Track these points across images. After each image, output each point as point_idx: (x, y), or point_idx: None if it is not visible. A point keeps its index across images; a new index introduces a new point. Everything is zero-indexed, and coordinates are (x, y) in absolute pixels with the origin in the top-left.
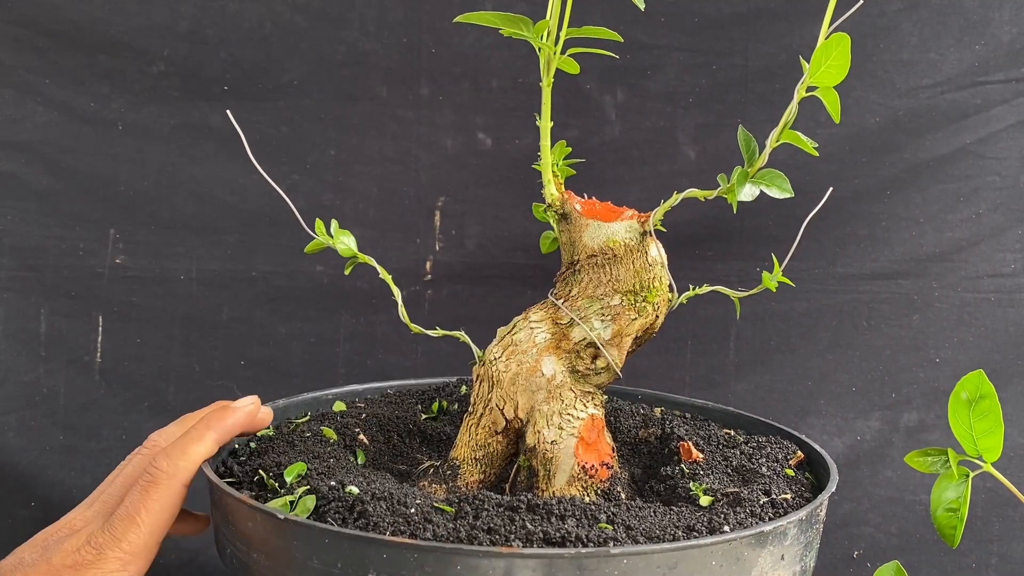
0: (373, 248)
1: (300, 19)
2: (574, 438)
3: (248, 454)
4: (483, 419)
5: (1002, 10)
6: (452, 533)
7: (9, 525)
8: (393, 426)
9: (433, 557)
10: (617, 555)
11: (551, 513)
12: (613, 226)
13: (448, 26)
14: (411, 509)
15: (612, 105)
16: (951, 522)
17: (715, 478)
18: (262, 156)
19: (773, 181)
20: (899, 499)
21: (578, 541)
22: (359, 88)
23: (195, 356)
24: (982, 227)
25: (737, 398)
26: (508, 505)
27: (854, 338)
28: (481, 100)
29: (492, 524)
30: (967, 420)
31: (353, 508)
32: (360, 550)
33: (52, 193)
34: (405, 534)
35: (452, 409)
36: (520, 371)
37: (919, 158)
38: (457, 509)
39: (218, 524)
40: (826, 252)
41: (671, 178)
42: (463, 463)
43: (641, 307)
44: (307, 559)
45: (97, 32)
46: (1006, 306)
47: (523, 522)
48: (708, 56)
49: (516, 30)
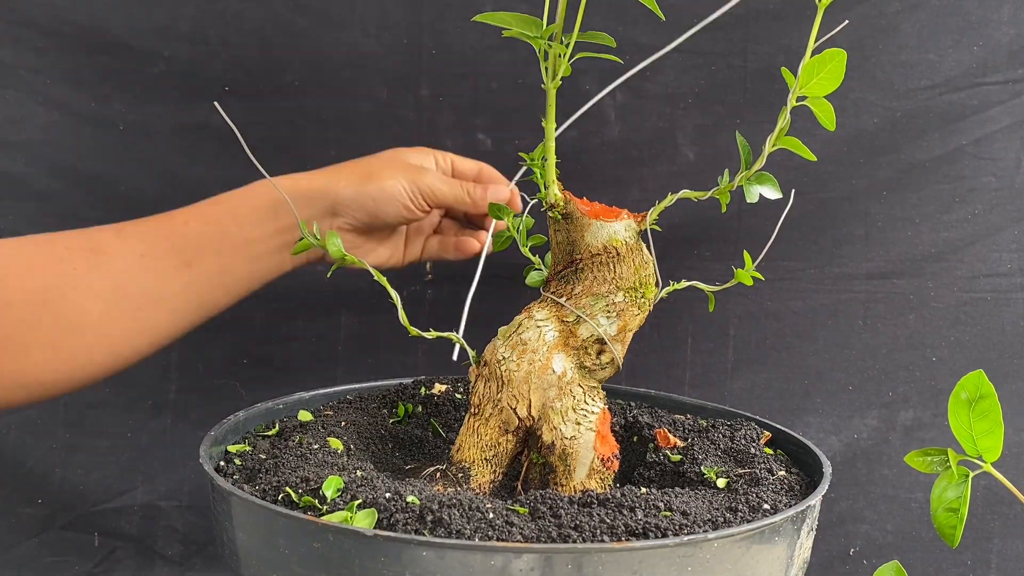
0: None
1: (301, 20)
2: (592, 432)
3: (247, 473)
4: (492, 419)
5: (1001, 11)
6: (543, 533)
7: (14, 523)
8: (368, 432)
9: (543, 559)
10: (712, 539)
11: (621, 506)
12: (614, 225)
13: (449, 27)
14: (489, 514)
15: (611, 106)
16: (951, 522)
17: (713, 461)
18: (263, 157)
19: (764, 183)
20: (895, 497)
21: (657, 530)
22: (360, 89)
23: (197, 355)
24: (978, 227)
25: (734, 396)
26: (580, 501)
27: (850, 337)
28: (481, 101)
29: (577, 521)
30: (967, 420)
31: (423, 517)
32: (457, 559)
33: (52, 193)
34: (492, 538)
35: (418, 412)
36: (532, 369)
37: (916, 159)
38: (532, 510)
39: (256, 550)
40: (823, 252)
41: (670, 179)
42: (473, 465)
43: (641, 303)
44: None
45: (98, 32)
46: (1002, 306)
47: (601, 517)
48: (707, 57)
49: (527, 32)
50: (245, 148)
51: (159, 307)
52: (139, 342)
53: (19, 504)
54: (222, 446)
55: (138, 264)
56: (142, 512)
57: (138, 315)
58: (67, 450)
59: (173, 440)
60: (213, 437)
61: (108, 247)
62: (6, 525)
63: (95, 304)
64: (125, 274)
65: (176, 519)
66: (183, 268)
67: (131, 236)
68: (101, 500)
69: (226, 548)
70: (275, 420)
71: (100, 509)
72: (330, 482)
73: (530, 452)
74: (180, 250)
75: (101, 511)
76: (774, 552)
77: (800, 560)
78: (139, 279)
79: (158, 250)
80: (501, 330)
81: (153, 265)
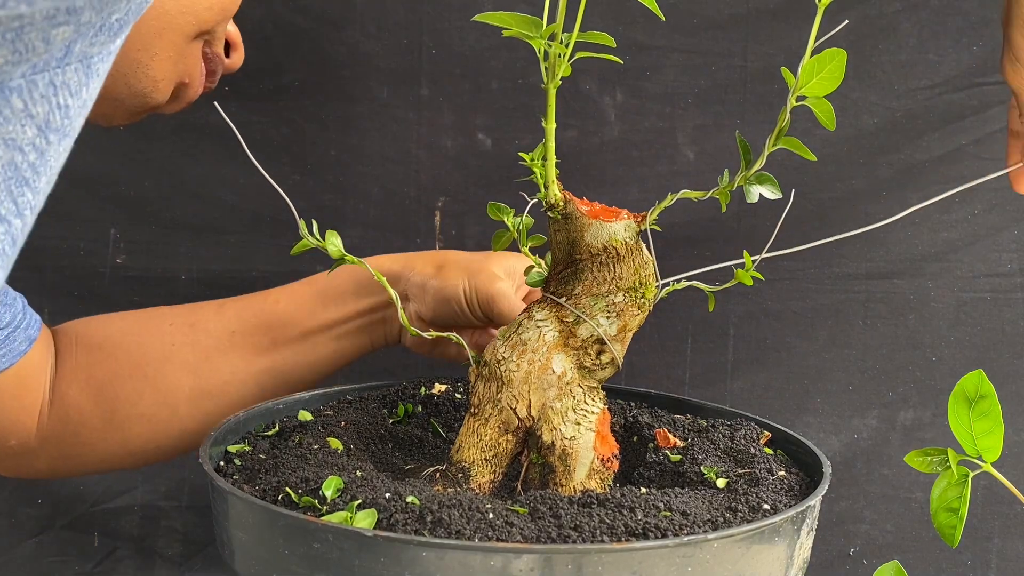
0: (374, 248)
1: (301, 20)
2: (592, 432)
3: (247, 473)
4: (492, 419)
5: (1000, 11)
6: (543, 533)
7: (14, 523)
8: (368, 432)
9: (543, 559)
10: (712, 539)
11: (621, 506)
12: (614, 225)
13: (449, 27)
14: (489, 515)
15: (611, 106)
16: (951, 522)
17: (713, 461)
18: (263, 156)
19: (764, 183)
20: (895, 496)
21: (657, 530)
22: (360, 89)
23: None
24: (978, 227)
25: (734, 396)
26: (580, 502)
27: (850, 337)
28: (481, 101)
29: (577, 521)
30: (967, 420)
31: (423, 518)
32: (457, 559)
33: (52, 193)
34: (492, 539)
35: (418, 412)
36: (532, 370)
37: (916, 159)
38: (532, 510)
39: (256, 550)
40: (822, 252)
41: (670, 179)
42: (473, 465)
43: (641, 303)
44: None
45: None
46: (1002, 306)
47: (600, 517)
48: (707, 57)
49: (527, 31)
50: (245, 148)
51: (245, 384)
52: (228, 414)
53: (19, 504)
54: (222, 446)
55: (228, 341)
56: (142, 512)
57: (226, 390)
58: None
59: None
60: (213, 437)
61: (207, 323)
62: (6, 525)
63: (188, 379)
64: (217, 351)
65: (176, 519)
66: (270, 348)
67: (228, 312)
68: (101, 500)
69: (226, 548)
70: (275, 420)
71: (100, 509)
72: (330, 482)
73: (530, 452)
74: (267, 329)
75: (101, 511)
76: (774, 552)
77: (800, 560)
78: (229, 356)
79: (248, 327)
80: (501, 330)
81: (242, 342)
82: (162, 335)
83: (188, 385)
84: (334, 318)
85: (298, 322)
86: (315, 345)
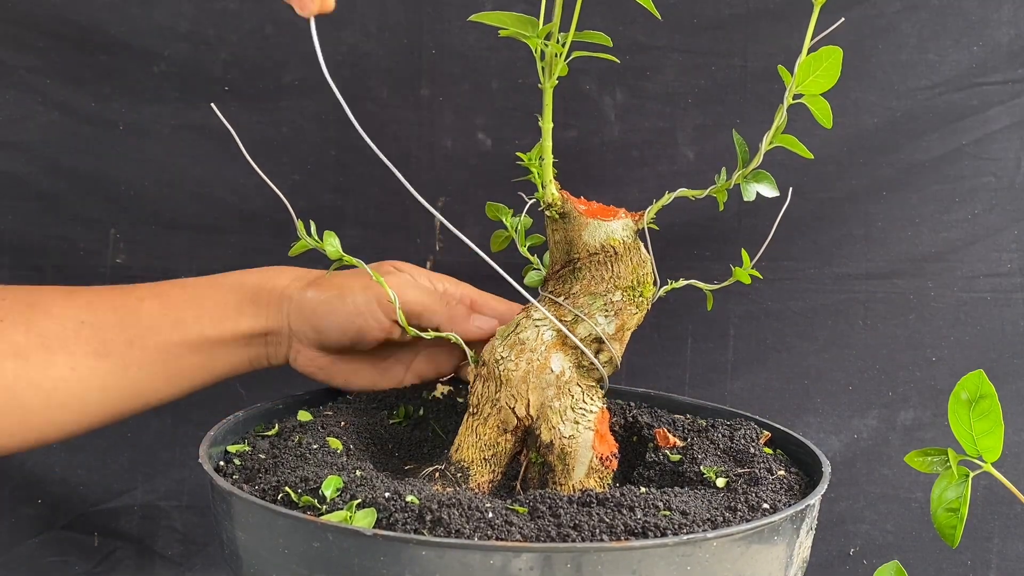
0: (374, 248)
1: (301, 20)
2: (591, 431)
3: (247, 473)
4: (491, 419)
5: (1001, 11)
6: (542, 532)
7: (14, 523)
8: (367, 432)
9: (542, 558)
10: (711, 538)
11: (620, 505)
12: (612, 224)
13: (449, 27)
14: (488, 514)
15: (611, 106)
16: (951, 522)
17: (712, 461)
18: (263, 156)
19: (762, 181)
20: (895, 496)
21: (657, 529)
22: (360, 89)
23: None
24: (978, 227)
25: (734, 396)
26: (579, 501)
27: (850, 337)
28: (481, 101)
29: (577, 521)
30: (967, 420)
31: (423, 517)
32: (457, 558)
33: (53, 193)
34: (491, 538)
35: (418, 412)
36: (530, 369)
37: (916, 159)
38: (531, 509)
39: (255, 550)
40: (822, 252)
41: (670, 179)
42: (472, 464)
43: (639, 302)
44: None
45: (98, 32)
46: (1002, 306)
47: (600, 516)
48: (707, 57)
49: (523, 31)
50: (243, 149)
51: (85, 385)
52: (62, 418)
53: (19, 504)
54: (222, 446)
55: (74, 331)
56: (142, 512)
57: (60, 387)
58: (67, 450)
59: (173, 440)
60: (212, 437)
61: (50, 306)
62: (6, 525)
63: (12, 364)
64: (57, 339)
65: (176, 519)
66: (123, 349)
67: (79, 299)
68: (101, 500)
69: (226, 548)
70: (275, 420)
71: (100, 509)
72: (329, 482)
73: (529, 451)
74: (123, 327)
75: (101, 511)
76: (774, 552)
77: (800, 560)
78: (71, 348)
79: (101, 320)
80: (499, 330)
81: (91, 336)
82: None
83: (10, 370)
84: (208, 334)
85: (160, 329)
86: (178, 358)
